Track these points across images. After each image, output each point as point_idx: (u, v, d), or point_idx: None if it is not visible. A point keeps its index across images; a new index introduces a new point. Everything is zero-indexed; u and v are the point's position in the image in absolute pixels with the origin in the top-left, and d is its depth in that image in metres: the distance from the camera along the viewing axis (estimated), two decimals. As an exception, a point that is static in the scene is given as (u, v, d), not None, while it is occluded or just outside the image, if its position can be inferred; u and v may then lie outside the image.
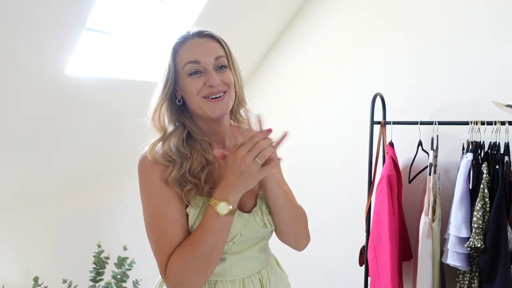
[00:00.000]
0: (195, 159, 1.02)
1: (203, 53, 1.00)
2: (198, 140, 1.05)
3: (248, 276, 1.09)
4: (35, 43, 1.44)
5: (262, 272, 1.12)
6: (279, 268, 1.22)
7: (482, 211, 1.67)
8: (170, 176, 0.99)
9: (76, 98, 1.74)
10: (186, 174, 1.00)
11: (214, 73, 0.99)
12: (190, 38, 1.02)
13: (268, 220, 1.08)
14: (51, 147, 1.81)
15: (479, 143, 1.77)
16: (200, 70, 1.00)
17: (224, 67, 1.02)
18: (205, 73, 1.00)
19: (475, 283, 1.75)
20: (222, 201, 0.92)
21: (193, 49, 1.00)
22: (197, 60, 0.99)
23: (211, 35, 1.03)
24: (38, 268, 1.91)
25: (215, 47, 1.02)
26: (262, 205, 1.08)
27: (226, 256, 1.05)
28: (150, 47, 2.04)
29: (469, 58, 2.00)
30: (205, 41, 1.02)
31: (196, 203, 1.01)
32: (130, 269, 2.01)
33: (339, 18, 2.42)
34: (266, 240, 1.14)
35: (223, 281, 1.06)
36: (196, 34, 1.02)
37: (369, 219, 2.01)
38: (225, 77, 1.02)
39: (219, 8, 2.03)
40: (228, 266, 1.06)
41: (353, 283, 2.35)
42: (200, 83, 0.99)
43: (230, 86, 1.03)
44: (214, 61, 1.01)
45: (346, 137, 2.40)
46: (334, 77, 2.46)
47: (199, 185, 1.01)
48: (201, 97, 1.00)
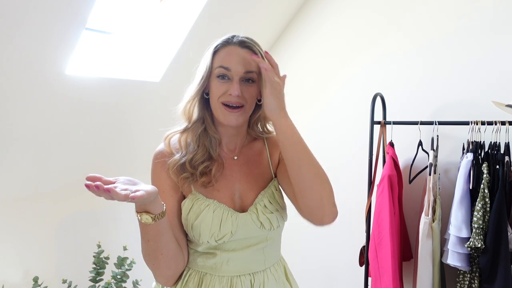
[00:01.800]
0: (198, 152, 1.07)
1: (236, 62, 1.03)
2: (210, 135, 1.09)
3: (238, 275, 1.08)
4: (35, 43, 1.44)
5: (256, 274, 1.10)
6: (284, 277, 1.18)
7: (482, 211, 1.67)
8: (172, 164, 1.05)
9: (76, 98, 1.74)
10: (186, 164, 1.05)
11: (238, 84, 1.02)
12: (231, 44, 1.05)
13: (267, 220, 1.07)
14: (51, 147, 1.81)
15: (479, 143, 1.76)
16: (227, 76, 1.03)
17: (251, 81, 1.05)
18: (231, 81, 1.03)
19: (475, 283, 1.75)
20: (142, 213, 0.91)
21: (229, 56, 1.03)
22: (228, 67, 1.03)
23: (252, 49, 1.05)
24: (38, 268, 1.91)
25: (250, 61, 1.04)
26: (260, 203, 1.09)
27: (217, 252, 1.07)
28: (150, 47, 2.04)
29: (469, 58, 2.00)
30: (243, 52, 1.04)
31: (191, 197, 1.06)
32: (130, 269, 2.01)
33: (338, 19, 2.42)
34: (265, 243, 1.11)
35: (212, 275, 1.08)
36: (238, 43, 1.05)
37: (369, 219, 2.00)
38: (248, 91, 1.04)
39: (219, 8, 2.03)
40: (219, 262, 1.07)
41: (353, 283, 2.35)
42: (223, 89, 1.03)
43: (249, 101, 1.05)
44: (243, 73, 1.03)
45: (346, 137, 2.40)
46: (334, 77, 2.45)
47: (195, 175, 1.05)
48: (220, 102, 1.04)
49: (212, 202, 1.06)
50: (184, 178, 1.05)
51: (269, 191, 1.12)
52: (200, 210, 1.04)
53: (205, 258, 1.09)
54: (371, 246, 1.92)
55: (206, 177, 1.06)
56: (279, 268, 1.17)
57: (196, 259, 1.10)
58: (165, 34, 2.01)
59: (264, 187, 1.12)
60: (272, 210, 1.09)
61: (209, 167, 1.07)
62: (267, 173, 1.15)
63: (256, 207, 1.08)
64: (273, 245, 1.15)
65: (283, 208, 1.14)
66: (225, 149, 1.13)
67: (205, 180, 1.06)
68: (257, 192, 1.11)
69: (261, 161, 1.16)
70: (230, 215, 1.05)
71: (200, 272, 1.09)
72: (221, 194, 1.08)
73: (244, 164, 1.13)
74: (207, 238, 1.04)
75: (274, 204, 1.10)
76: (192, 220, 1.04)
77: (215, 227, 1.04)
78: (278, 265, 1.17)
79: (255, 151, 1.16)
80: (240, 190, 1.10)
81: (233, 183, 1.10)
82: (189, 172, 1.05)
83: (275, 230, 1.10)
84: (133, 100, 2.01)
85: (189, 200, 1.06)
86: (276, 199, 1.11)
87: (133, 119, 2.09)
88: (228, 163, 1.12)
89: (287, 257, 1.28)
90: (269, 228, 1.08)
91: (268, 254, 1.13)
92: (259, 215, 1.07)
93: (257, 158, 1.16)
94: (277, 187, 1.14)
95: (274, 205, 1.10)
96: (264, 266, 1.12)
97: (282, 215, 1.12)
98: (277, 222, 1.09)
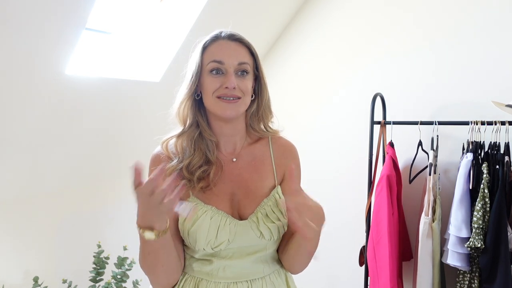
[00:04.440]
0: (195, 156, 1.03)
1: (229, 55, 1.01)
2: (206, 139, 1.06)
3: (235, 281, 1.05)
4: (35, 43, 1.44)
5: (254, 282, 1.06)
6: (284, 286, 1.13)
7: (482, 211, 1.67)
8: (169, 170, 1.01)
9: (76, 98, 1.74)
10: (183, 169, 1.02)
11: (233, 77, 1.01)
12: (220, 39, 1.04)
13: (268, 229, 1.03)
14: (51, 147, 1.81)
15: (479, 143, 1.77)
16: (221, 70, 1.02)
17: (245, 73, 1.03)
18: (225, 75, 1.01)
19: (475, 283, 1.75)
20: (146, 230, 0.89)
21: (220, 50, 1.02)
22: (221, 61, 1.01)
23: (242, 41, 1.04)
24: (38, 268, 1.91)
25: (242, 52, 1.04)
26: (261, 211, 1.04)
27: (213, 259, 1.04)
28: (150, 47, 2.04)
29: (470, 58, 2.00)
30: (234, 45, 1.03)
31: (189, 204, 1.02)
32: (130, 269, 2.01)
33: (339, 18, 2.42)
34: (264, 252, 1.07)
35: (208, 281, 1.05)
36: (227, 36, 1.04)
37: (369, 219, 2.00)
38: (243, 83, 1.02)
39: (219, 8, 2.03)
40: (215, 268, 1.04)
41: (353, 283, 2.35)
42: (218, 83, 1.01)
43: (246, 93, 1.03)
44: (237, 65, 1.02)
45: (346, 137, 2.40)
46: (334, 77, 2.46)
47: (192, 182, 1.02)
48: (215, 97, 1.02)
49: (210, 209, 1.02)
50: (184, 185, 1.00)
51: (272, 199, 1.06)
52: (197, 216, 1.01)
53: (201, 264, 1.06)
54: (370, 246, 1.92)
55: (204, 182, 1.03)
56: (280, 276, 1.12)
57: (192, 264, 1.07)
58: (165, 34, 2.01)
59: (266, 193, 1.07)
60: (273, 220, 1.04)
61: (207, 171, 1.04)
62: (270, 178, 1.09)
63: (257, 216, 1.03)
64: (273, 253, 1.11)
65: (286, 218, 1.06)
66: (224, 151, 1.09)
67: (203, 185, 1.03)
68: (258, 199, 1.06)
69: (263, 165, 1.11)
70: (228, 222, 1.02)
71: (196, 278, 1.06)
72: (220, 199, 1.04)
73: (244, 167, 1.09)
74: (203, 245, 1.00)
75: (276, 213, 1.05)
76: (189, 226, 1.01)
77: (212, 234, 1.00)
78: (279, 273, 1.12)
79: (256, 153, 1.12)
80: (239, 196, 1.06)
81: (232, 188, 1.06)
82: (186, 179, 1.02)
83: (276, 240, 1.06)
84: (133, 100, 2.01)
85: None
86: (279, 208, 1.06)
87: (133, 119, 2.09)
88: (227, 166, 1.08)
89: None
90: (269, 238, 1.04)
91: (268, 262, 1.09)
92: (259, 224, 1.03)
93: (259, 161, 1.11)
94: (281, 196, 1.08)
95: (276, 214, 1.05)
96: (263, 274, 1.08)
97: (284, 225, 1.06)
98: (278, 233, 1.05)
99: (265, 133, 1.14)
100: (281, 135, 1.18)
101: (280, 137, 1.18)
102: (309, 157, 2.61)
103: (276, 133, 1.16)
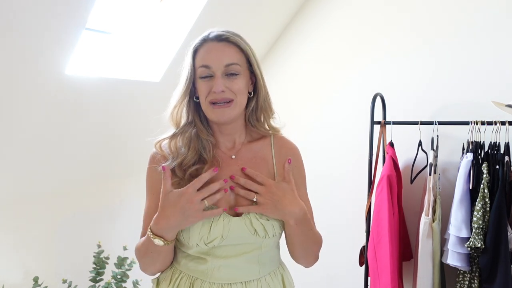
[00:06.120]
0: (189, 155, 1.04)
1: (215, 59, 1.01)
2: (202, 139, 1.06)
3: (230, 283, 1.04)
4: (35, 43, 1.44)
5: (249, 283, 1.05)
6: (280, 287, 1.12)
7: (482, 211, 1.67)
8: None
9: (76, 98, 1.74)
10: (176, 168, 1.03)
11: (220, 80, 1.00)
12: (208, 41, 1.03)
13: (262, 226, 1.02)
14: (51, 147, 1.81)
15: (479, 143, 1.77)
16: (210, 74, 1.02)
17: (234, 75, 1.02)
18: (213, 78, 1.01)
19: (475, 283, 1.75)
20: (158, 238, 0.98)
21: (207, 54, 1.02)
22: (208, 65, 1.01)
23: (229, 40, 1.03)
24: (38, 268, 1.91)
25: (230, 53, 1.02)
26: None
27: (208, 258, 1.04)
28: (150, 47, 2.04)
29: (469, 58, 2.01)
30: (221, 46, 1.02)
31: None
32: (130, 269, 2.01)
33: (339, 19, 2.42)
34: (259, 251, 1.06)
35: (203, 281, 1.04)
36: (215, 38, 1.03)
37: (369, 219, 2.00)
38: (233, 85, 1.02)
39: (219, 8, 2.03)
40: (210, 268, 1.04)
41: (353, 283, 2.35)
42: (208, 88, 1.01)
43: (238, 94, 1.02)
44: (223, 67, 1.01)
45: (346, 137, 2.40)
46: (334, 77, 2.46)
47: (183, 180, 1.03)
48: (208, 102, 1.02)
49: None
50: (175, 183, 1.01)
51: None
52: None
53: (197, 263, 1.05)
54: (370, 246, 1.92)
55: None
56: (276, 277, 1.11)
57: (188, 263, 1.06)
58: (165, 34, 2.01)
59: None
60: (268, 217, 1.03)
61: (198, 170, 1.03)
62: (269, 177, 1.08)
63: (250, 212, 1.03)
64: (269, 254, 1.10)
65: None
66: (223, 148, 1.10)
67: None
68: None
69: (263, 163, 1.10)
70: (222, 218, 1.01)
71: (192, 277, 1.06)
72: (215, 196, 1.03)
73: (243, 164, 1.08)
74: (196, 240, 1.00)
75: None
76: None
77: (205, 229, 1.00)
78: (275, 274, 1.11)
79: (257, 151, 1.11)
80: (235, 192, 1.05)
81: (229, 184, 1.05)
82: (179, 177, 1.03)
83: (271, 238, 1.04)
84: (133, 100, 2.01)
85: None
86: None
87: (133, 119, 2.09)
88: (226, 163, 1.07)
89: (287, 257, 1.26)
90: (263, 236, 1.02)
91: (263, 262, 1.08)
92: (252, 221, 1.02)
93: (259, 159, 1.10)
94: None
95: None
96: (259, 275, 1.07)
97: (280, 223, 1.05)
98: (273, 230, 1.03)
99: (266, 131, 1.14)
100: (283, 135, 1.17)
101: (283, 137, 1.17)
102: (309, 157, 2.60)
103: (277, 131, 1.15)
